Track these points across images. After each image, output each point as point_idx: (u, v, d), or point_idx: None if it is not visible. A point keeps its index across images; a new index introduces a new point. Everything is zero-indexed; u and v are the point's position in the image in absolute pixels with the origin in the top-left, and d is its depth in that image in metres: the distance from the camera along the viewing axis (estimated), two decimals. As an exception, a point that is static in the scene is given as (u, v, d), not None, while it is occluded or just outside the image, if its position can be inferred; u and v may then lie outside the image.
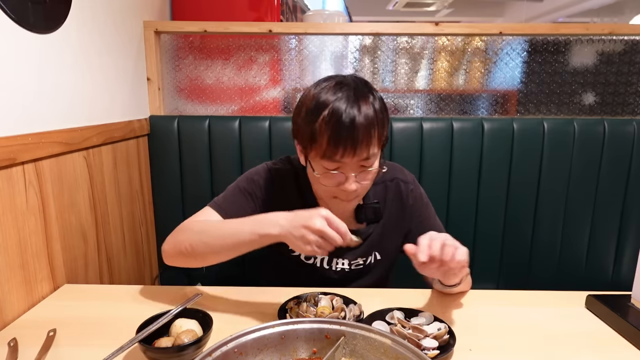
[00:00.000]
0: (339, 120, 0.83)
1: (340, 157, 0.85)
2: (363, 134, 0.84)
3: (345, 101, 0.85)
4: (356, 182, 0.89)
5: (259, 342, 0.62)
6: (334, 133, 0.84)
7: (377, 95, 0.90)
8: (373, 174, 0.92)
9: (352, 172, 0.88)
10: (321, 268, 1.05)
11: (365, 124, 0.84)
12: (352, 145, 0.84)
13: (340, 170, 0.88)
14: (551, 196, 1.46)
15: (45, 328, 0.79)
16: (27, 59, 0.92)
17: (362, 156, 0.86)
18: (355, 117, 0.84)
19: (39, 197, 0.95)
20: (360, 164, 0.88)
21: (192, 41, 1.52)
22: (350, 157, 0.85)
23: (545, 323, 0.86)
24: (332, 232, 0.76)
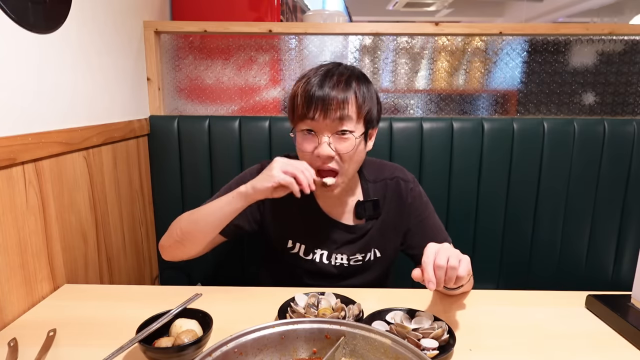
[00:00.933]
0: (314, 82, 0.92)
1: (312, 114, 0.90)
2: (336, 94, 0.90)
3: (324, 70, 0.94)
4: (331, 147, 0.92)
5: (259, 342, 0.62)
6: (308, 92, 0.91)
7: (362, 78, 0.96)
8: (350, 144, 0.93)
9: (326, 133, 0.92)
10: (320, 263, 1.05)
11: (338, 85, 0.91)
12: (322, 103, 0.90)
13: (315, 131, 0.92)
14: (551, 196, 1.46)
15: (45, 328, 0.79)
16: (27, 59, 0.92)
17: (334, 116, 0.90)
18: (329, 78, 0.92)
19: (39, 197, 0.95)
20: (334, 127, 0.91)
21: (192, 41, 1.52)
22: (322, 115, 0.90)
23: (545, 323, 0.86)
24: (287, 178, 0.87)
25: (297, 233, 1.05)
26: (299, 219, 1.05)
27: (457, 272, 0.74)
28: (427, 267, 0.74)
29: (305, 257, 1.05)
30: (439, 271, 0.74)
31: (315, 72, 0.95)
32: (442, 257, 0.75)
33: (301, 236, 1.05)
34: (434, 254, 0.76)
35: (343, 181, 0.97)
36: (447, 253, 0.76)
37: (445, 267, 0.74)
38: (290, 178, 0.87)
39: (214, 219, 0.95)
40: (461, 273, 0.75)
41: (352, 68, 0.98)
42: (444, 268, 0.74)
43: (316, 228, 1.05)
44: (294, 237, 1.05)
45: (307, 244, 1.05)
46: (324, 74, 0.93)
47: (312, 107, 0.90)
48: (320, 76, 0.93)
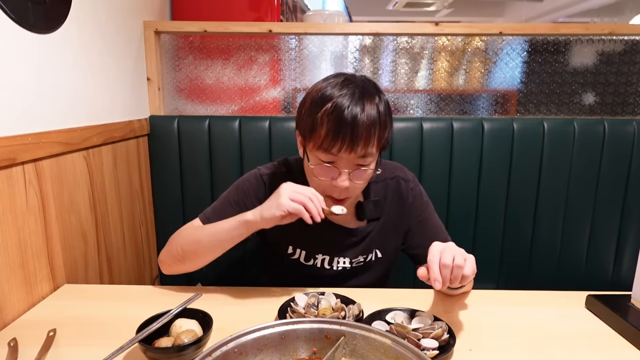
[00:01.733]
0: (340, 114, 0.85)
1: (337, 151, 0.87)
2: (362, 132, 0.85)
3: (350, 97, 0.87)
4: (349, 179, 0.90)
5: (259, 342, 0.62)
6: (334, 125, 0.85)
7: (383, 98, 0.91)
8: (367, 175, 0.92)
9: (347, 169, 0.89)
10: (322, 268, 1.05)
11: (366, 122, 0.85)
12: (350, 140, 0.85)
13: (335, 165, 0.89)
14: (551, 196, 1.46)
15: (45, 328, 0.79)
16: (27, 59, 0.92)
17: (359, 153, 0.87)
18: (357, 114, 0.85)
19: (39, 197, 0.95)
20: (355, 162, 0.89)
21: (192, 41, 1.52)
22: (347, 152, 0.87)
23: (545, 323, 0.86)
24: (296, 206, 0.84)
25: (298, 239, 1.04)
26: (299, 225, 1.04)
27: (462, 270, 0.74)
28: (433, 266, 0.74)
29: (306, 262, 1.05)
30: (444, 270, 0.74)
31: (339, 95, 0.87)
32: (448, 256, 0.74)
33: (301, 242, 1.04)
34: (439, 252, 0.75)
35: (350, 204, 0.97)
36: (453, 252, 0.76)
37: (451, 265, 0.74)
38: (299, 206, 0.84)
39: (217, 244, 0.93)
40: (467, 272, 0.74)
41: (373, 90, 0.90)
42: (450, 267, 0.74)
43: (317, 233, 1.04)
44: (294, 243, 1.04)
45: (307, 249, 1.04)
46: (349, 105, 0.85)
47: (338, 143, 0.85)
48: (347, 108, 0.85)
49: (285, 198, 0.85)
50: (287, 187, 0.87)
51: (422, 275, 0.75)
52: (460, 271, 0.74)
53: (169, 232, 1.02)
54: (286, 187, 0.87)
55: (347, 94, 0.87)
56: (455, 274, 0.74)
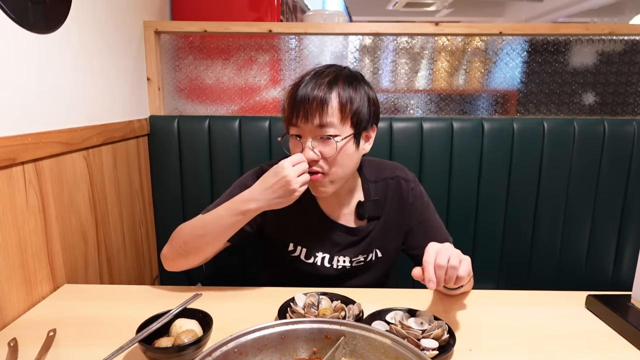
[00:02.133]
0: (298, 86, 0.93)
1: (295, 120, 0.92)
2: (317, 99, 0.90)
3: (313, 73, 0.95)
4: (314, 151, 0.92)
5: (259, 342, 0.62)
6: (293, 97, 0.93)
7: (349, 75, 0.95)
8: (332, 147, 0.92)
9: (310, 137, 0.92)
10: (322, 266, 1.05)
11: (321, 90, 0.91)
12: (304, 109, 0.90)
13: (300, 135, 0.94)
14: (551, 196, 1.46)
15: (45, 328, 0.79)
16: (27, 59, 0.92)
17: (316, 122, 0.91)
18: (312, 84, 0.92)
19: (39, 197, 0.95)
20: (317, 132, 0.92)
21: (192, 41, 1.52)
22: (303, 121, 0.91)
23: (545, 323, 0.86)
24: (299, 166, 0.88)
25: (298, 236, 1.05)
26: (300, 222, 1.05)
27: (457, 272, 0.75)
28: (427, 267, 0.75)
29: (306, 260, 1.05)
30: (439, 270, 0.74)
31: (303, 76, 0.95)
32: (443, 256, 0.75)
33: (302, 239, 1.05)
34: (435, 253, 0.76)
35: (332, 182, 0.96)
36: (448, 253, 0.76)
37: (446, 266, 0.74)
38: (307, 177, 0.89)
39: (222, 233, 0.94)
40: (461, 273, 0.75)
41: (341, 69, 0.97)
42: (445, 267, 0.74)
43: (317, 231, 1.04)
44: (294, 240, 1.05)
45: (308, 247, 1.04)
46: (309, 78, 0.94)
47: (294, 113, 0.92)
48: (306, 81, 0.93)
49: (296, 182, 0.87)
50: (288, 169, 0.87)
51: (416, 275, 0.76)
52: (455, 272, 0.75)
53: (169, 232, 1.02)
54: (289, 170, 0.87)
55: (312, 73, 0.95)
56: (449, 274, 0.75)
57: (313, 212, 1.04)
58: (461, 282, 0.77)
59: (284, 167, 0.87)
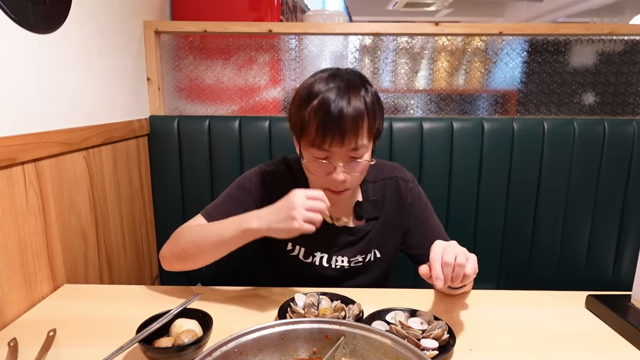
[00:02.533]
0: (327, 110, 0.86)
1: (328, 147, 0.87)
2: (351, 125, 0.86)
3: (335, 91, 0.87)
4: (344, 172, 0.90)
5: (259, 342, 0.62)
6: (322, 122, 0.86)
7: (370, 89, 0.92)
8: (363, 166, 0.93)
9: (341, 162, 0.90)
10: (320, 266, 1.05)
11: (353, 115, 0.86)
12: (339, 135, 0.86)
13: (329, 160, 0.90)
14: (551, 196, 1.46)
15: (45, 328, 0.79)
16: (27, 59, 0.92)
17: (350, 146, 0.88)
18: (343, 107, 0.85)
19: (39, 197, 0.95)
20: (349, 155, 0.90)
21: (192, 41, 1.52)
22: (338, 147, 0.87)
23: (545, 323, 0.86)
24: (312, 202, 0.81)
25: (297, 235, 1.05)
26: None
27: (464, 269, 0.74)
28: (435, 264, 0.74)
29: (305, 260, 1.05)
30: (446, 268, 0.74)
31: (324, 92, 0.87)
32: (450, 254, 0.75)
33: (301, 239, 1.04)
34: (441, 251, 0.76)
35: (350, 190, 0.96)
36: (455, 251, 0.76)
37: (453, 264, 0.74)
38: (312, 227, 0.82)
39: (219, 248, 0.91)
40: (468, 271, 0.75)
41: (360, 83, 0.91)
42: (452, 265, 0.74)
43: (316, 231, 1.04)
44: (293, 240, 1.05)
45: (306, 246, 1.04)
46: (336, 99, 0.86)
47: (327, 139, 0.86)
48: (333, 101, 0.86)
49: (300, 221, 0.80)
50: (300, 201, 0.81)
51: (424, 273, 0.75)
52: (462, 270, 0.74)
53: (169, 232, 1.02)
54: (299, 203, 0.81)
55: (333, 88, 0.88)
56: (456, 272, 0.74)
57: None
58: (467, 280, 0.76)
59: (295, 195, 0.82)
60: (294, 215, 0.80)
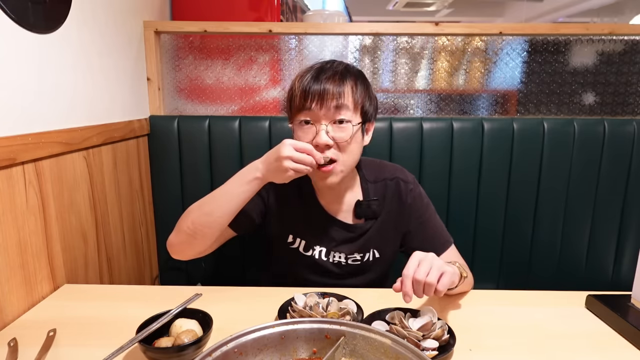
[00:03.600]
0: (309, 74, 0.95)
1: (310, 104, 0.92)
2: (332, 85, 0.92)
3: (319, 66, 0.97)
4: (329, 135, 0.92)
5: (259, 342, 0.62)
6: (306, 83, 0.94)
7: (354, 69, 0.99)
8: (347, 132, 0.93)
9: (323, 121, 0.93)
10: (319, 259, 1.06)
11: (335, 75, 0.93)
12: (319, 93, 0.91)
13: (312, 121, 0.93)
14: (551, 196, 1.46)
15: (45, 328, 0.79)
16: (27, 59, 0.92)
17: (332, 104, 0.92)
18: (325, 69, 0.95)
19: (39, 197, 0.95)
20: (331, 116, 0.93)
21: (192, 41, 1.52)
22: (318, 104, 0.92)
23: (545, 323, 0.86)
24: (299, 153, 0.87)
25: (298, 228, 1.06)
26: (300, 214, 1.06)
27: (433, 288, 0.76)
28: (405, 281, 0.76)
29: (305, 252, 1.06)
30: (416, 285, 0.76)
31: (310, 69, 0.97)
32: (422, 271, 0.76)
33: (301, 231, 1.06)
34: (414, 266, 0.77)
35: (342, 171, 0.96)
36: (430, 265, 0.77)
37: (423, 281, 0.75)
38: (302, 167, 0.88)
39: (228, 208, 0.94)
40: (440, 288, 0.76)
41: (346, 63, 1.00)
42: (422, 283, 0.75)
43: (316, 224, 1.05)
44: (294, 232, 1.06)
45: (307, 239, 1.05)
46: (318, 69, 0.96)
47: (309, 98, 0.92)
48: (315, 71, 0.95)
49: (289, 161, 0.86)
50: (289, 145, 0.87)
51: (396, 288, 0.77)
52: (431, 288, 0.76)
53: (169, 232, 1.02)
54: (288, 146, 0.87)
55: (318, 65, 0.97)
56: (426, 290, 0.76)
57: (313, 206, 1.06)
58: (440, 294, 0.77)
59: (284, 145, 0.87)
60: (285, 167, 0.86)
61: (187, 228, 0.95)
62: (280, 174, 0.88)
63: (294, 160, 0.86)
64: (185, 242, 0.97)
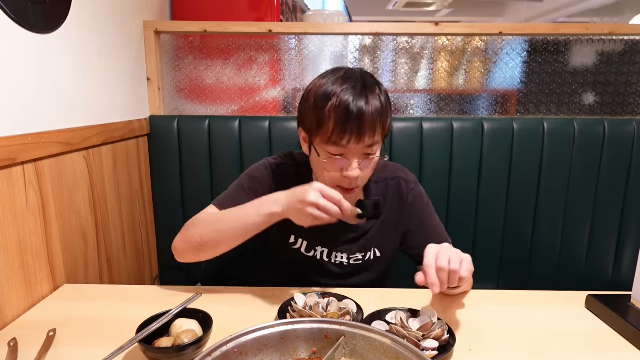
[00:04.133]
0: (347, 108, 0.88)
1: (346, 143, 0.89)
2: (369, 123, 0.88)
3: (352, 91, 0.90)
4: (359, 168, 0.92)
5: (259, 342, 0.62)
6: (342, 119, 0.88)
7: (382, 88, 0.95)
8: (374, 163, 0.95)
9: (356, 158, 0.91)
10: (321, 260, 1.06)
11: (371, 113, 0.89)
12: (358, 132, 0.88)
13: (344, 156, 0.91)
14: (551, 196, 1.46)
15: (45, 328, 0.79)
16: (27, 59, 0.92)
17: (367, 143, 0.90)
18: (362, 106, 0.88)
19: (39, 197, 0.95)
20: (363, 152, 0.92)
21: (192, 41, 1.52)
22: (355, 143, 0.89)
23: (545, 323, 0.86)
24: (326, 202, 0.81)
25: (300, 229, 1.05)
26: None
27: (459, 274, 0.75)
28: (429, 271, 0.75)
29: (306, 253, 1.06)
30: (441, 273, 0.75)
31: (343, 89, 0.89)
32: (444, 258, 0.75)
33: (303, 232, 1.05)
34: (435, 255, 0.76)
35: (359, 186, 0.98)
36: (449, 254, 0.76)
37: (447, 269, 0.75)
38: (326, 217, 0.83)
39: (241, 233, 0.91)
40: (464, 274, 0.75)
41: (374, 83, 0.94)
42: (446, 270, 0.75)
43: (318, 225, 1.05)
44: (296, 233, 1.06)
45: (309, 240, 1.05)
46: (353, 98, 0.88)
47: (347, 136, 0.88)
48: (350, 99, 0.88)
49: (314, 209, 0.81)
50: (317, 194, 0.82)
51: (420, 281, 0.76)
52: (457, 275, 0.75)
53: (169, 232, 1.02)
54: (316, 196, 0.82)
55: (350, 88, 0.90)
56: (452, 278, 0.75)
57: None
58: (463, 282, 0.77)
59: (312, 190, 0.82)
60: (307, 213, 0.82)
61: (196, 241, 0.94)
62: (301, 218, 0.84)
63: (319, 208, 0.81)
64: (191, 251, 0.96)
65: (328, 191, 0.83)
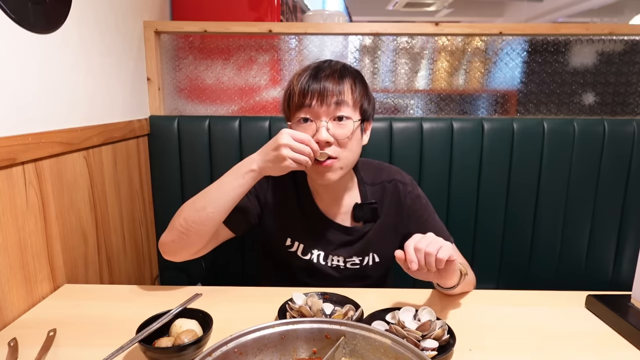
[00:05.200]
0: (307, 72, 0.95)
1: (309, 101, 0.92)
2: (332, 79, 0.92)
3: (317, 65, 0.97)
4: (329, 133, 0.92)
5: (259, 342, 0.62)
6: (305, 80, 0.93)
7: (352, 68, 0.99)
8: (347, 129, 0.93)
9: (324, 118, 0.92)
10: (317, 264, 1.05)
11: (336, 71, 0.94)
12: (318, 91, 0.91)
13: (312, 118, 0.93)
14: (551, 196, 1.46)
15: (45, 328, 0.79)
16: (27, 59, 0.92)
17: (331, 101, 0.91)
18: (325, 67, 0.95)
19: (39, 197, 0.95)
20: (332, 113, 0.92)
21: (192, 41, 1.52)
22: (319, 101, 0.91)
23: (545, 323, 0.86)
24: (297, 143, 0.86)
25: (296, 231, 1.05)
26: (298, 217, 1.05)
27: (434, 257, 0.77)
28: (408, 250, 0.79)
29: (303, 256, 1.05)
30: (418, 253, 0.78)
31: (307, 68, 0.97)
32: (423, 242, 0.79)
33: (300, 235, 1.05)
34: (415, 239, 0.80)
35: (341, 168, 0.95)
36: (429, 240, 0.80)
37: (424, 250, 0.78)
38: (300, 157, 0.86)
39: (222, 202, 0.92)
40: (440, 255, 0.77)
41: (343, 63, 1.00)
42: (422, 251, 0.78)
43: (313, 227, 1.05)
44: (292, 236, 1.05)
45: (305, 243, 1.05)
46: (316, 68, 0.96)
47: (309, 95, 0.92)
48: (313, 69, 0.95)
49: (288, 150, 0.85)
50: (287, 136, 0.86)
51: (399, 257, 0.79)
52: (432, 258, 0.78)
53: (169, 232, 1.01)
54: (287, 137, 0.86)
55: (315, 65, 0.97)
56: (428, 260, 0.78)
57: (310, 209, 1.05)
58: (441, 264, 0.79)
59: (282, 133, 0.87)
60: (283, 155, 0.85)
61: (180, 225, 0.92)
62: (278, 164, 0.87)
63: (292, 149, 0.86)
64: (177, 240, 0.94)
65: (297, 134, 0.87)
